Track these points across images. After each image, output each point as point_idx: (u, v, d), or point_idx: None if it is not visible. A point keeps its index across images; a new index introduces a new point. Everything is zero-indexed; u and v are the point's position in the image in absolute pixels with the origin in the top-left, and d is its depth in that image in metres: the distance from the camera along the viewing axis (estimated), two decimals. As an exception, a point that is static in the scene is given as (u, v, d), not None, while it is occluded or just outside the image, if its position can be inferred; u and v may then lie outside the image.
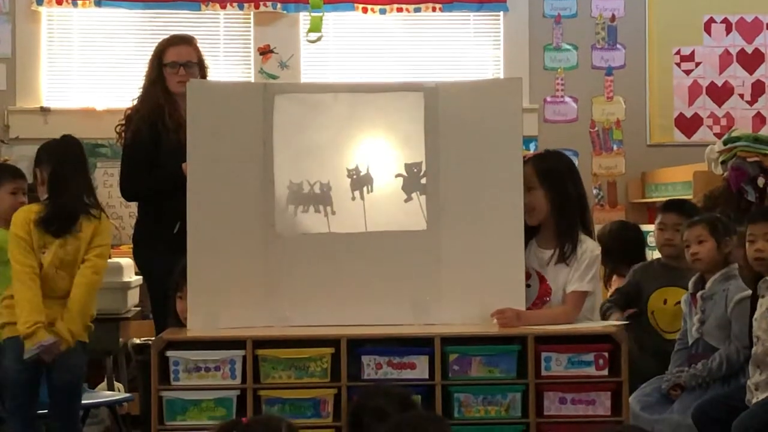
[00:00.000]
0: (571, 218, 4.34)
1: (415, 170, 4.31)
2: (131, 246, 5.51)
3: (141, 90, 5.31)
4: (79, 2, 7.65)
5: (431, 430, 3.14)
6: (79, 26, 7.82)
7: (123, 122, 5.33)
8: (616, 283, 5.72)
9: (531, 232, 4.34)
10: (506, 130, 4.30)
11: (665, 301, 5.34)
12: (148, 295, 5.34)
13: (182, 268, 4.29)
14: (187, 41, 5.40)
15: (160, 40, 5.45)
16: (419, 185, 4.30)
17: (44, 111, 7.65)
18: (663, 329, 5.34)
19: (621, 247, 5.76)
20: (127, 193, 5.33)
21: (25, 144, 7.57)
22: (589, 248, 4.31)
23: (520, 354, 4.01)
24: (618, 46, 8.01)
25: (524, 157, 4.37)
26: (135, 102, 5.32)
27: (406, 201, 4.30)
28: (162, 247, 4.89)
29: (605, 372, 4.01)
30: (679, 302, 5.17)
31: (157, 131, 5.06)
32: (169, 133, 5.01)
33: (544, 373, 3.99)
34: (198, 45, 5.41)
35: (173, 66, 5.21)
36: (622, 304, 5.33)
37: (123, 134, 5.31)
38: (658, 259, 5.57)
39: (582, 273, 4.28)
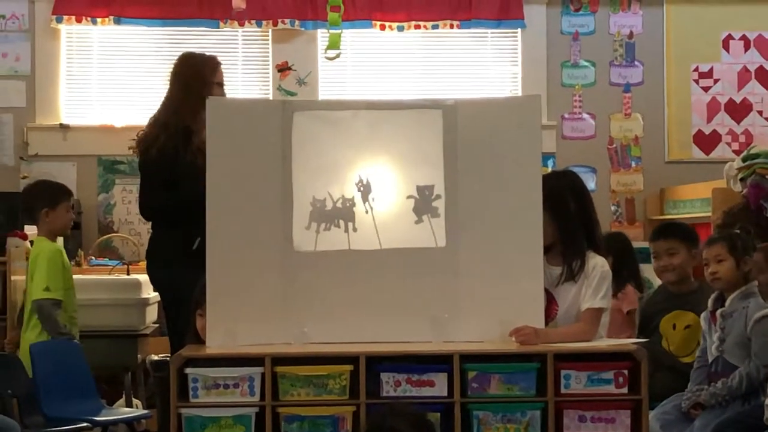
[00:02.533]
0: (576, 236, 4.34)
1: (427, 193, 4.30)
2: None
3: (168, 104, 5.27)
4: (99, 20, 7.69)
5: None
6: (98, 44, 7.86)
7: (141, 136, 5.31)
8: None
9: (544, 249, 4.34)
10: (525, 146, 4.29)
11: (674, 326, 5.33)
12: (164, 310, 5.35)
13: (203, 285, 4.30)
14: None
15: (199, 56, 5.46)
16: (430, 208, 4.29)
17: (63, 128, 7.69)
18: (676, 354, 5.33)
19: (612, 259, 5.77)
20: (147, 211, 5.31)
21: (45, 161, 7.62)
22: (598, 264, 4.31)
23: (540, 372, 3.99)
24: (636, 62, 8.01)
25: None
26: (157, 117, 5.29)
27: (416, 223, 4.29)
28: (179, 262, 4.90)
29: (625, 390, 3.98)
30: (689, 326, 5.18)
31: (186, 148, 5.07)
32: (197, 152, 4.99)
33: (563, 390, 3.97)
34: None
35: (220, 86, 5.25)
36: (634, 335, 5.33)
37: (143, 149, 5.27)
38: (661, 285, 5.55)
39: (594, 290, 4.27)
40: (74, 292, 5.62)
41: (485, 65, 8.02)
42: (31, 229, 5.86)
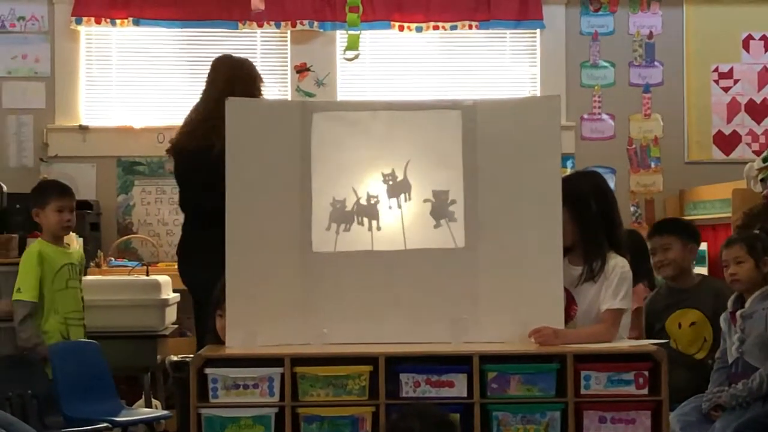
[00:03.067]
0: (597, 236, 4.34)
1: (443, 198, 4.30)
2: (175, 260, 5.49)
3: (215, 105, 5.25)
4: (118, 21, 7.70)
5: None
6: (118, 45, 7.87)
7: (179, 137, 5.33)
8: None
9: (565, 250, 4.33)
10: (545, 147, 4.28)
11: (680, 325, 5.33)
12: (193, 309, 5.35)
13: (223, 285, 4.30)
14: None
15: (248, 61, 5.54)
16: (447, 212, 4.29)
17: (83, 129, 7.70)
18: (684, 352, 5.33)
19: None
20: (186, 209, 5.35)
21: (64, 162, 7.64)
22: (618, 265, 4.30)
23: (559, 372, 3.98)
24: (656, 63, 7.99)
25: None
26: (195, 114, 5.29)
27: (435, 227, 4.29)
28: (211, 262, 4.87)
29: (645, 391, 3.97)
30: (693, 323, 5.18)
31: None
32: None
33: (583, 391, 3.96)
34: None
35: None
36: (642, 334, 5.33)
37: (180, 149, 5.29)
38: (665, 283, 5.54)
39: (614, 290, 4.26)
40: (73, 293, 5.53)
41: (504, 66, 8.00)
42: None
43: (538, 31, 7.93)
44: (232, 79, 5.34)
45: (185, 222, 5.44)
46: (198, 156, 4.92)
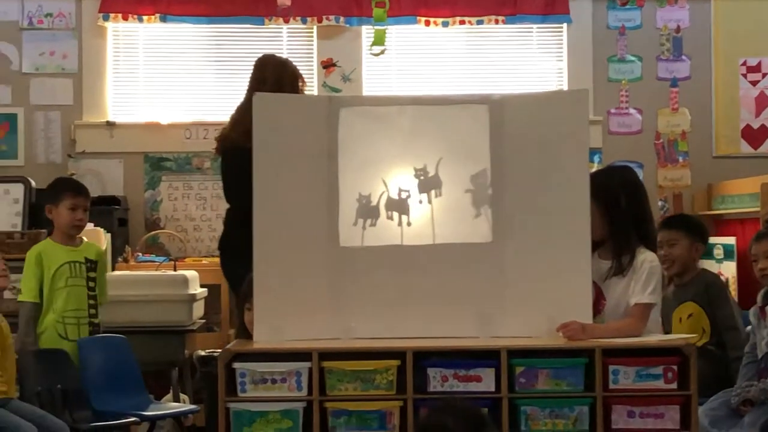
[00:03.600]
0: (626, 231, 4.34)
1: (481, 181, 4.29)
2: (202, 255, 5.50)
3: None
4: (145, 17, 7.72)
5: None
6: (145, 41, 7.89)
7: (227, 127, 5.34)
8: None
9: (595, 244, 4.32)
10: (572, 142, 4.27)
11: (681, 320, 5.31)
12: (235, 304, 5.35)
13: (250, 280, 4.32)
14: None
15: (290, 62, 5.57)
16: (486, 197, 4.28)
17: (110, 125, 7.72)
18: None
19: None
20: (236, 198, 5.36)
21: (92, 158, 7.67)
22: (647, 259, 4.30)
23: (588, 367, 3.98)
24: (683, 57, 7.95)
25: None
26: (244, 110, 5.30)
27: (475, 217, 4.29)
28: (252, 256, 4.86)
29: (674, 385, 3.97)
30: (690, 314, 5.19)
31: None
32: None
33: (611, 386, 3.95)
34: None
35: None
36: None
37: (229, 138, 5.33)
38: (671, 286, 5.51)
39: (643, 285, 4.26)
40: (75, 291, 5.45)
41: (530, 61, 7.98)
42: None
43: (564, 25, 7.91)
44: (280, 78, 5.37)
45: (227, 218, 5.46)
46: (244, 154, 4.95)
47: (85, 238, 5.60)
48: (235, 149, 5.34)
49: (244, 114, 5.36)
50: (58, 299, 5.37)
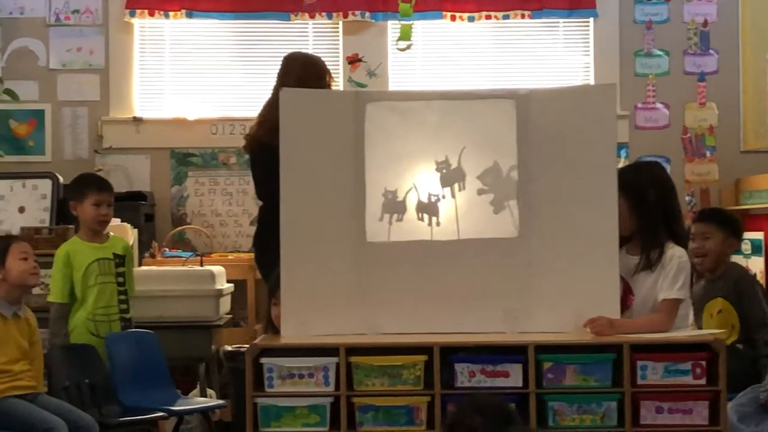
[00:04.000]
0: (655, 226, 4.33)
1: (507, 176, 4.28)
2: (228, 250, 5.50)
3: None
4: (171, 13, 7.74)
5: None
6: (171, 37, 7.91)
7: (255, 124, 5.36)
8: None
9: (623, 240, 4.31)
10: (600, 136, 4.26)
11: (711, 316, 5.28)
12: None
13: (278, 275, 4.32)
14: None
15: (316, 57, 5.59)
16: (513, 192, 4.27)
17: (137, 121, 7.75)
18: None
19: None
20: (267, 194, 5.34)
21: (119, 153, 7.70)
22: (676, 255, 4.28)
23: (616, 362, 3.96)
24: (711, 51, 7.91)
25: None
26: (271, 107, 5.31)
27: (502, 212, 4.28)
28: None
29: (703, 381, 3.95)
30: (720, 310, 5.15)
31: None
32: None
33: (639, 381, 3.94)
34: None
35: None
36: None
37: (257, 136, 5.34)
38: (702, 280, 5.47)
39: (671, 280, 4.24)
40: (106, 288, 5.48)
41: (557, 55, 7.96)
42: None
43: (591, 19, 7.88)
44: (304, 77, 5.36)
45: (261, 214, 5.47)
46: (272, 151, 4.96)
47: (111, 233, 5.61)
48: (262, 146, 5.35)
49: (270, 111, 5.37)
50: (89, 297, 5.39)
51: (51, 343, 5.30)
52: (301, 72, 5.44)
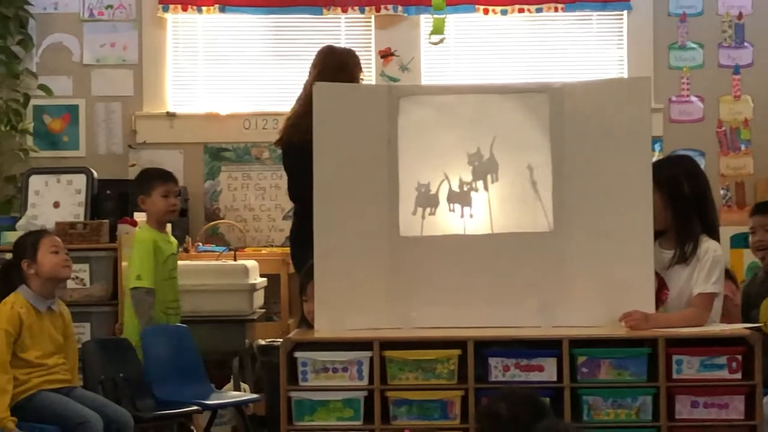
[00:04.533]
0: (690, 220, 4.31)
1: (541, 170, 4.27)
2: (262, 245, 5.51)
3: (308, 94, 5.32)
4: (204, 8, 7.75)
5: None
6: (204, 32, 7.92)
7: (285, 124, 5.38)
8: None
9: (656, 234, 4.29)
10: (634, 130, 4.25)
11: None
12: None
13: (307, 270, 4.33)
14: None
15: (345, 50, 5.59)
16: (547, 186, 4.26)
17: (170, 116, 7.77)
18: None
19: None
20: (297, 195, 5.40)
21: (152, 149, 7.72)
22: (711, 249, 4.26)
23: (651, 356, 3.95)
24: (745, 44, 7.85)
25: None
26: (300, 106, 5.33)
27: (536, 206, 4.27)
28: None
29: (738, 375, 3.93)
30: None
31: None
32: None
33: (675, 376, 3.93)
34: None
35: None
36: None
37: (286, 136, 5.35)
38: (762, 269, 5.42)
39: (706, 274, 4.23)
40: (174, 282, 5.62)
41: (590, 48, 7.91)
42: (140, 216, 5.92)
43: (625, 12, 7.84)
44: (324, 69, 5.38)
45: (296, 210, 5.48)
46: (304, 148, 4.98)
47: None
48: (285, 145, 5.37)
49: (295, 107, 5.39)
50: (163, 290, 5.50)
51: (148, 323, 5.36)
52: (322, 64, 5.45)
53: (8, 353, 4.68)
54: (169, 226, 5.95)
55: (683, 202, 4.32)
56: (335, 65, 5.40)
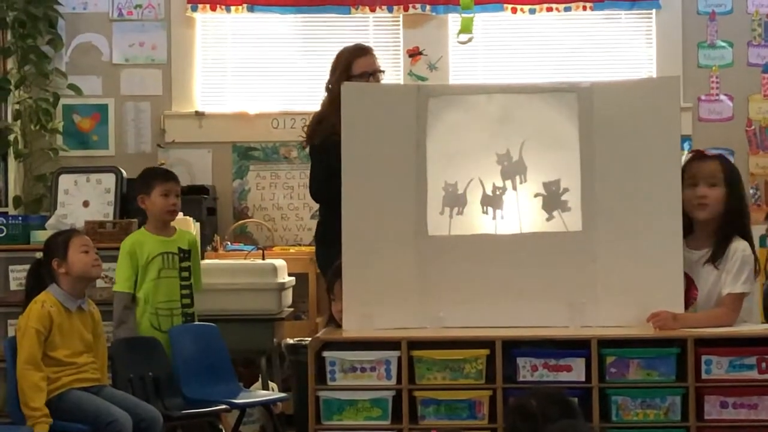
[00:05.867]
0: (738, 220, 4.29)
1: (554, 189, 4.27)
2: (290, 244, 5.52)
3: (327, 97, 5.35)
4: (233, 8, 7.78)
5: None
6: (232, 31, 7.95)
7: (309, 125, 5.40)
8: None
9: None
10: (664, 129, 4.23)
11: None
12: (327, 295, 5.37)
13: (335, 269, 4.33)
14: (371, 50, 5.53)
15: (346, 49, 5.53)
16: (559, 203, 4.27)
17: (198, 115, 7.80)
18: None
19: None
20: (318, 197, 5.43)
21: (181, 148, 7.75)
22: (740, 248, 4.24)
23: (679, 357, 3.93)
24: (775, 42, 7.82)
25: (702, 151, 4.42)
26: (322, 107, 5.37)
27: (547, 220, 4.27)
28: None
29: (768, 376, 3.91)
30: None
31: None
32: None
33: (704, 376, 3.91)
34: None
35: (363, 77, 5.28)
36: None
37: (310, 137, 5.37)
38: None
39: (735, 274, 4.20)
40: (168, 282, 5.50)
41: (619, 47, 7.90)
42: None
43: (653, 11, 7.81)
44: (331, 68, 5.41)
45: (321, 209, 5.49)
46: (326, 149, 5.00)
47: (177, 228, 5.66)
48: (310, 144, 5.39)
49: (321, 106, 5.41)
50: (152, 291, 5.43)
51: (116, 333, 5.35)
52: (334, 63, 5.47)
53: (40, 352, 4.72)
54: (192, 225, 5.96)
55: (740, 203, 4.32)
56: (338, 65, 5.42)
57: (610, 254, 4.19)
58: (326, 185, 4.98)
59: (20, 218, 6.54)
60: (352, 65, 5.36)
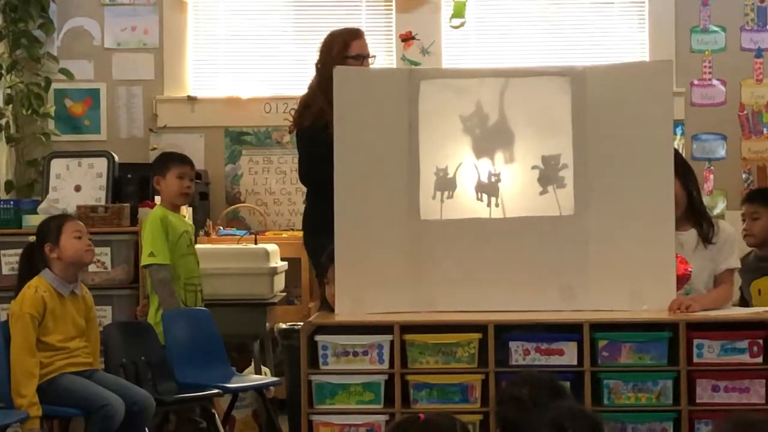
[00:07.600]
0: (701, 202, 4.49)
1: (553, 163, 4.28)
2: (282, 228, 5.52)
3: (316, 78, 5.33)
4: (225, -8, 7.76)
5: (583, 423, 3.09)
6: (224, 16, 7.92)
7: (297, 109, 5.39)
8: None
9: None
10: (656, 113, 4.24)
11: (759, 292, 5.22)
12: (317, 280, 5.37)
13: (329, 254, 4.33)
14: (364, 33, 5.53)
15: (333, 33, 5.52)
16: (556, 178, 4.26)
17: (191, 100, 7.77)
18: None
19: None
20: (309, 180, 5.40)
21: (173, 132, 7.73)
22: (726, 228, 4.43)
23: (671, 340, 3.94)
24: (768, 27, 7.81)
25: None
26: (310, 90, 5.35)
27: (540, 194, 4.28)
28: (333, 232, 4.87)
29: (759, 359, 3.93)
30: None
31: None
32: None
33: (696, 360, 3.92)
34: None
35: (358, 59, 5.27)
36: None
37: (299, 121, 5.35)
38: (753, 251, 5.43)
39: (729, 251, 4.38)
40: (191, 259, 5.64)
41: (612, 32, 7.87)
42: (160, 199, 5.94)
43: (646, -5, 7.81)
44: (319, 52, 5.41)
45: (308, 195, 5.48)
46: (315, 133, 4.98)
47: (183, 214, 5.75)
48: (297, 129, 5.38)
49: (307, 90, 5.40)
50: (182, 267, 5.52)
51: (166, 307, 5.37)
52: (321, 47, 5.46)
53: (34, 337, 4.71)
54: (184, 209, 5.97)
55: (695, 187, 4.46)
56: (325, 50, 5.42)
57: (603, 238, 4.20)
58: (316, 169, 4.98)
59: (12, 203, 6.52)
60: (350, 45, 5.35)
